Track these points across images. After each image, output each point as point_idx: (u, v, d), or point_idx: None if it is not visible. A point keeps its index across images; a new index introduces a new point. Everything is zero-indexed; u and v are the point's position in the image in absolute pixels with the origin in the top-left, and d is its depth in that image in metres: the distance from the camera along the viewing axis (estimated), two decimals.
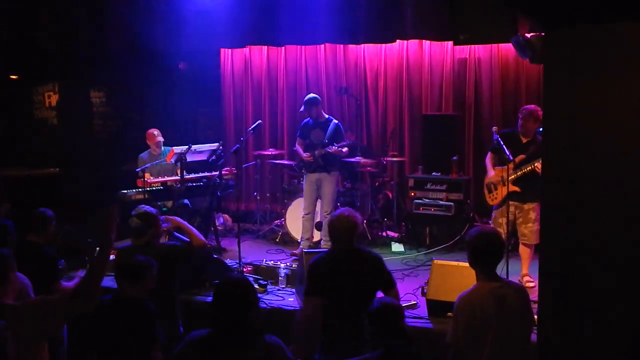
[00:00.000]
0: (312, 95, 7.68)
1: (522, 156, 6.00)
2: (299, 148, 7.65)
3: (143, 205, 4.77)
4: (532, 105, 6.19)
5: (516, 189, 6.01)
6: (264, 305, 5.57)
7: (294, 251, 7.51)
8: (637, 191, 2.77)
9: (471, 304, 3.65)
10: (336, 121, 7.53)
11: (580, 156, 2.88)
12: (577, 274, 2.89)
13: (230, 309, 3.06)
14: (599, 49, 2.84)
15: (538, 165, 5.75)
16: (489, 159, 6.46)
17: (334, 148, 7.20)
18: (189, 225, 4.89)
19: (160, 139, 8.03)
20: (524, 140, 6.11)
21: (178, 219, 4.94)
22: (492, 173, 6.33)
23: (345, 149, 7.30)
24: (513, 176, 6.01)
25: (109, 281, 3.91)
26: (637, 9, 2.74)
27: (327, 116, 7.60)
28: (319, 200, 7.53)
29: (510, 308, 3.61)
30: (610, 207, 2.82)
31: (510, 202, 6.02)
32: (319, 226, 7.60)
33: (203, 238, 4.89)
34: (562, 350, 2.96)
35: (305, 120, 7.65)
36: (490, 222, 6.61)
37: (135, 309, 3.73)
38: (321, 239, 7.49)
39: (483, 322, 3.58)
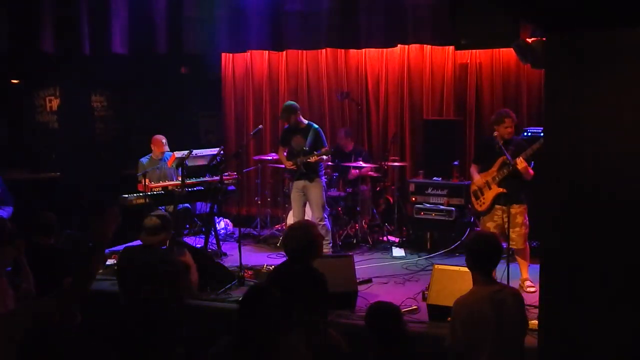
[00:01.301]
0: (289, 102, 7.70)
1: (503, 157, 6.12)
2: (281, 155, 7.65)
3: (163, 209, 4.84)
4: (506, 109, 6.48)
5: (502, 190, 6.10)
6: None
7: None
8: (638, 192, 2.78)
9: (469, 307, 3.65)
10: (316, 126, 7.51)
11: (581, 158, 2.88)
12: (577, 275, 2.89)
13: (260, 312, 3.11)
14: (599, 53, 2.85)
15: (517, 161, 5.94)
16: (473, 169, 6.57)
17: (314, 157, 7.19)
18: (194, 269, 4.91)
19: (167, 148, 7.99)
20: (501, 142, 6.20)
21: (191, 260, 4.96)
22: (477, 177, 6.40)
23: (325, 157, 7.30)
24: (503, 174, 6.12)
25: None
26: (636, 14, 2.75)
27: (306, 122, 7.56)
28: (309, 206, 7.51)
29: (509, 312, 3.62)
30: (611, 208, 2.83)
31: (498, 207, 6.16)
32: None
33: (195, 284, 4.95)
34: (563, 351, 2.95)
35: (286, 127, 7.66)
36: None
37: (152, 310, 3.78)
38: None
39: (481, 325, 3.59)
